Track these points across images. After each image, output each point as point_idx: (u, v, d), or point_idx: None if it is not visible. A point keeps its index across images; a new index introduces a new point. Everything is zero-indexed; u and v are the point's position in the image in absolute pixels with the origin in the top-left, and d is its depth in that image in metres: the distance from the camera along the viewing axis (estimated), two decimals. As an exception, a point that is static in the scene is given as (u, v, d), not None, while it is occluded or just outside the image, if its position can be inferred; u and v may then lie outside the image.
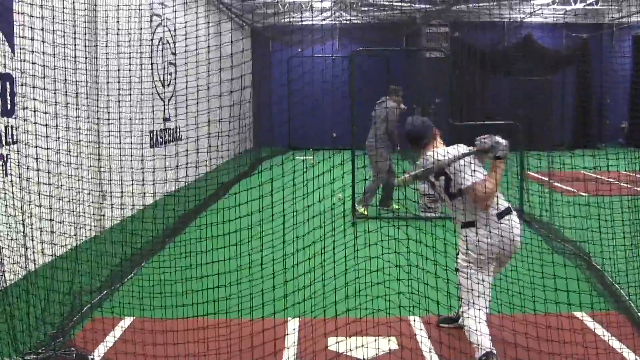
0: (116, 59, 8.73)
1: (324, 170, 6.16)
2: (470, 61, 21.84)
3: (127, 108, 8.84)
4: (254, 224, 6.08)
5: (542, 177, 12.10)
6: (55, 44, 7.45)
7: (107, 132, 9.45)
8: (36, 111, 7.12)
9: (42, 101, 7.13)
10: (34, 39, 7.29)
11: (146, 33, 12.02)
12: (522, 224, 5.55)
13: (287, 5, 23.22)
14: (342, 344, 5.84)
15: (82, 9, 9.07)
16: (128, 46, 8.81)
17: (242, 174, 14.79)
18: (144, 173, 7.86)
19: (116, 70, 8.56)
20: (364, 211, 12.10)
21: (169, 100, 14.34)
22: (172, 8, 13.72)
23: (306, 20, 23.80)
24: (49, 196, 7.31)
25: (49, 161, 7.34)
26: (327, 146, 10.63)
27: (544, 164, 7.96)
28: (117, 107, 8.75)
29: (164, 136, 14.11)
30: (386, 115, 12.09)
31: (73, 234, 7.84)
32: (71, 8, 8.03)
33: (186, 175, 7.76)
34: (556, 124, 23.44)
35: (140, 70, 9.48)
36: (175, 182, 7.88)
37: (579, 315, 6.55)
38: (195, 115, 8.84)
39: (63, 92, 7.78)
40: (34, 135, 7.21)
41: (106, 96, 9.52)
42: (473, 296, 5.35)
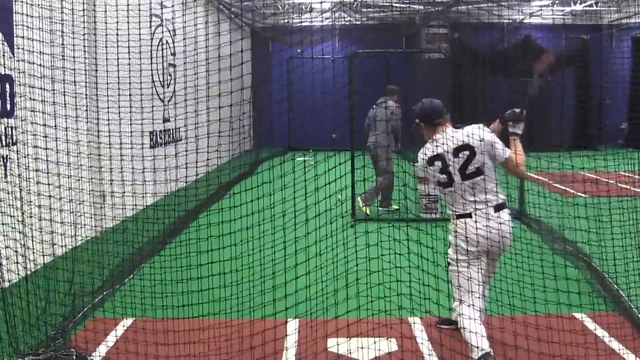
0: (115, 59, 8.72)
1: (324, 171, 6.16)
2: (470, 62, 21.84)
3: (126, 108, 8.83)
4: (254, 224, 6.08)
5: (542, 178, 12.09)
6: (54, 44, 7.45)
7: (107, 132, 9.43)
8: (34, 111, 7.12)
9: (42, 101, 7.13)
10: (34, 39, 7.28)
11: (145, 34, 12.01)
12: (511, 221, 5.53)
13: (286, 6, 23.22)
14: (342, 345, 5.84)
15: (82, 10, 9.07)
16: (127, 47, 8.79)
17: (242, 174, 14.79)
18: (144, 173, 7.86)
19: (115, 71, 8.55)
20: (364, 207, 12.06)
21: (168, 101, 14.33)
22: (172, 8, 13.72)
23: (306, 21, 23.81)
24: (49, 196, 7.30)
25: (48, 161, 7.33)
26: (327, 147, 10.58)
27: (543, 164, 7.94)
28: (117, 108, 8.74)
29: (163, 137, 14.10)
30: (389, 114, 12.12)
31: (73, 234, 7.84)
32: (70, 8, 8.02)
33: (186, 176, 7.75)
34: (556, 125, 23.44)
35: (139, 70, 9.47)
36: (175, 182, 7.87)
37: (579, 316, 6.55)
38: (194, 115, 8.84)
39: (62, 93, 7.77)
40: (33, 136, 7.21)
41: (105, 97, 9.51)
42: (462, 293, 5.35)
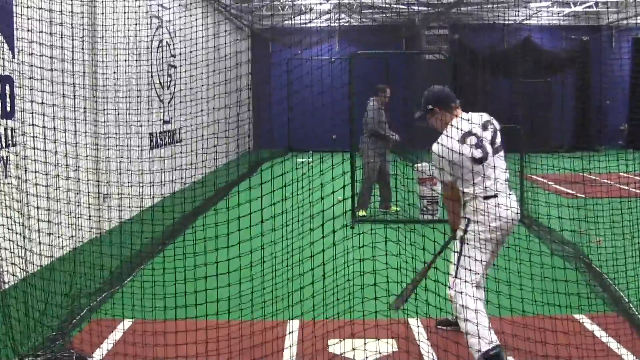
0: (115, 61, 8.74)
1: (323, 172, 6.16)
2: (470, 63, 21.86)
3: (126, 110, 8.84)
4: (254, 225, 6.08)
5: (542, 179, 12.11)
6: (54, 46, 7.45)
7: (106, 134, 9.45)
8: (34, 113, 7.12)
9: (42, 103, 7.13)
10: (34, 41, 7.29)
11: (145, 35, 12.02)
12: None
13: (286, 7, 23.22)
14: (342, 345, 5.85)
15: (82, 12, 9.08)
16: (127, 48, 8.82)
17: (242, 175, 14.79)
18: (143, 175, 7.87)
19: (115, 72, 8.58)
20: (363, 213, 12.11)
21: (168, 102, 14.34)
22: (171, 10, 13.73)
23: (305, 22, 23.81)
24: (47, 198, 7.30)
25: (47, 163, 7.34)
26: (327, 148, 10.58)
27: (543, 165, 7.97)
28: (116, 109, 8.76)
29: (163, 138, 14.11)
30: (370, 116, 12.13)
31: (72, 236, 7.85)
32: (70, 10, 8.03)
33: (184, 177, 7.77)
34: (556, 126, 23.45)
35: (139, 72, 9.48)
36: (174, 183, 7.89)
37: (578, 317, 6.55)
38: (194, 117, 8.85)
39: (62, 94, 7.78)
40: (33, 137, 7.21)
41: (105, 98, 9.53)
42: (468, 275, 5.36)
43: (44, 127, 7.15)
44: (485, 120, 5.63)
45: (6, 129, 7.77)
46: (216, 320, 5.90)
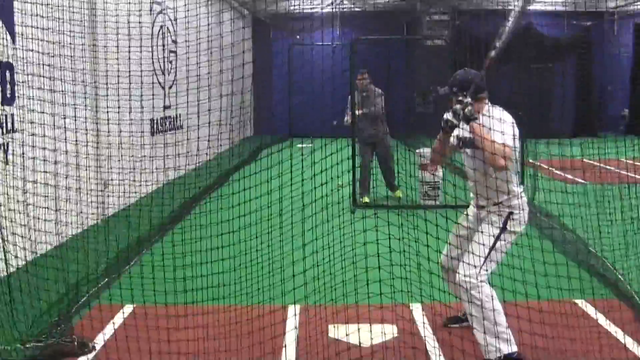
0: (116, 46, 8.72)
1: (324, 157, 6.15)
2: (472, 49, 21.78)
3: (126, 96, 8.82)
4: (255, 210, 6.08)
5: (543, 165, 12.09)
6: (55, 31, 7.44)
7: (107, 120, 9.43)
8: (34, 99, 7.11)
9: (42, 89, 7.13)
10: (34, 27, 7.27)
11: (146, 21, 11.99)
12: None
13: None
14: (342, 329, 5.86)
15: (82, -3, 9.06)
16: (127, 34, 8.78)
17: (243, 161, 14.81)
18: (144, 161, 7.87)
19: (116, 58, 8.55)
20: (365, 199, 12.10)
21: (169, 88, 14.32)
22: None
23: (307, 8, 23.73)
24: (45, 184, 7.30)
25: (45, 149, 7.34)
26: (328, 134, 10.57)
27: (544, 151, 7.95)
28: (117, 95, 8.74)
29: (164, 124, 14.09)
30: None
31: (74, 222, 7.85)
32: (71, -5, 8.02)
33: (186, 163, 7.76)
34: (557, 112, 23.39)
35: (140, 58, 9.46)
36: (175, 169, 7.88)
37: (579, 302, 6.57)
38: (195, 103, 8.83)
39: (63, 80, 7.77)
40: (34, 124, 7.21)
41: (105, 84, 9.51)
42: (491, 267, 5.33)
43: (44, 113, 7.14)
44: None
45: (7, 116, 7.75)
46: (217, 305, 5.91)
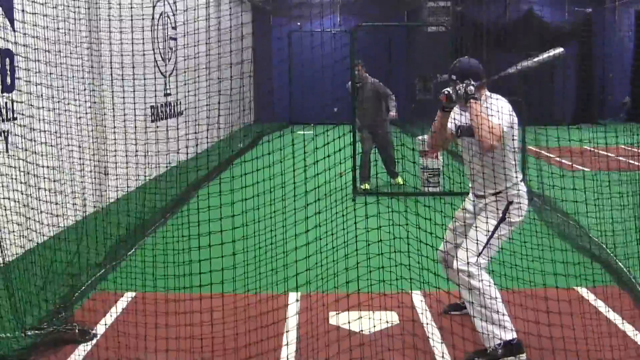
0: (117, 32, 8.70)
1: (324, 144, 6.14)
2: (473, 36, 21.73)
3: (127, 82, 8.80)
4: (255, 197, 6.07)
5: (543, 152, 12.08)
6: (54, 18, 7.41)
7: (108, 105, 9.42)
8: (34, 85, 7.09)
9: (42, 75, 7.11)
10: (34, 13, 7.24)
11: (147, 6, 11.95)
12: None
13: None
14: (343, 317, 5.87)
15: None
16: (129, 19, 8.76)
17: (244, 147, 14.79)
18: (145, 147, 7.86)
19: (120, 44, 8.53)
20: (365, 186, 12.12)
21: (169, 75, 14.30)
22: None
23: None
24: (45, 171, 7.30)
25: (48, 135, 7.33)
26: (328, 121, 10.55)
27: (545, 138, 7.93)
28: (118, 81, 8.72)
29: (165, 110, 14.08)
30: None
31: (74, 209, 7.85)
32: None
33: (187, 147, 7.75)
34: (558, 99, 23.36)
35: (140, 44, 9.43)
36: (176, 155, 7.87)
37: (579, 289, 6.57)
38: (195, 89, 8.82)
39: (63, 67, 7.75)
40: (35, 110, 7.19)
41: (106, 70, 9.49)
42: (488, 255, 5.32)
43: (43, 98, 7.13)
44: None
45: (7, 103, 7.74)
46: (219, 292, 5.91)
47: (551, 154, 13.07)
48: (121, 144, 9.08)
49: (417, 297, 6.53)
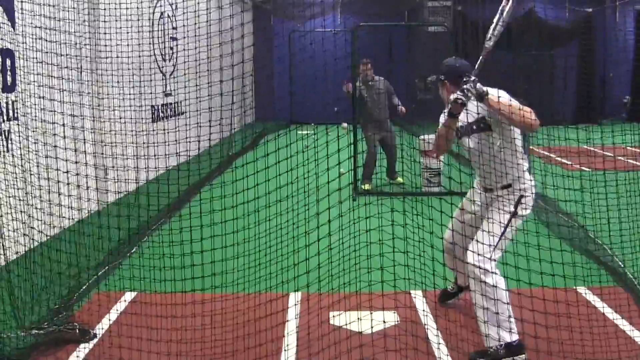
0: (117, 33, 8.69)
1: (325, 142, 6.13)
2: (473, 35, 21.72)
3: (128, 82, 8.80)
4: (256, 197, 6.06)
5: (544, 152, 12.07)
6: (55, 18, 7.40)
7: (108, 106, 9.42)
8: (35, 85, 7.08)
9: (43, 75, 7.10)
10: (35, 13, 7.24)
11: (146, 7, 11.95)
12: None
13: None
14: (343, 317, 5.86)
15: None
16: (128, 20, 8.75)
17: (244, 147, 14.77)
18: (145, 148, 7.85)
19: (118, 45, 8.52)
20: (366, 186, 12.11)
21: (170, 75, 14.29)
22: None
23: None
24: (45, 171, 7.29)
25: (47, 135, 7.32)
26: (329, 120, 10.58)
27: (545, 138, 7.93)
28: (118, 82, 8.72)
29: (165, 111, 14.07)
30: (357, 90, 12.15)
31: (76, 209, 7.84)
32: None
33: (188, 149, 7.74)
34: (558, 99, 23.34)
35: (140, 44, 9.43)
36: (177, 156, 7.86)
37: (580, 289, 6.57)
38: (196, 89, 8.81)
39: (64, 67, 7.74)
40: (35, 110, 7.19)
41: (107, 71, 9.48)
42: (498, 255, 5.28)
43: (43, 98, 7.12)
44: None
45: (8, 102, 7.74)
46: (218, 293, 5.91)
47: (552, 153, 13.06)
48: (121, 145, 9.08)
49: (417, 297, 6.53)
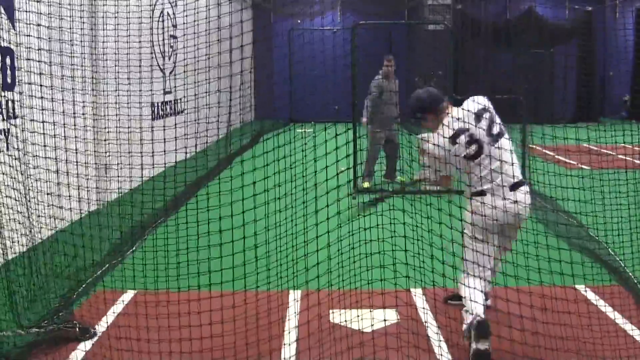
0: (115, 31, 8.68)
1: (325, 141, 6.13)
2: (473, 34, 21.74)
3: (126, 80, 8.79)
4: (255, 195, 6.06)
5: (545, 151, 12.08)
6: (54, 16, 7.40)
7: (107, 104, 9.41)
8: (34, 84, 7.07)
9: (42, 74, 7.09)
10: (34, 12, 7.22)
11: (146, 4, 11.94)
12: (528, 197, 5.48)
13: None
14: (343, 315, 5.86)
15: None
16: (127, 18, 8.74)
17: (244, 145, 14.78)
18: (144, 145, 7.83)
19: (116, 42, 8.51)
20: (367, 185, 12.10)
21: (170, 73, 14.28)
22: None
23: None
24: (45, 170, 7.28)
25: (47, 134, 7.31)
26: (329, 118, 10.58)
27: (546, 137, 7.93)
28: (117, 80, 8.71)
29: (165, 108, 14.06)
30: (371, 89, 12.12)
31: (75, 208, 7.84)
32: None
33: (186, 147, 7.73)
34: (558, 97, 23.37)
35: (140, 42, 9.42)
36: (176, 154, 7.85)
37: (580, 287, 6.57)
38: (195, 87, 8.80)
39: (62, 65, 7.73)
40: (34, 109, 7.17)
41: (105, 68, 9.47)
42: (475, 268, 5.33)
43: (44, 98, 7.11)
44: (479, 108, 5.47)
45: (7, 101, 7.73)
46: (219, 291, 5.90)
47: (552, 152, 13.07)
48: (121, 143, 9.07)
49: (417, 295, 6.52)
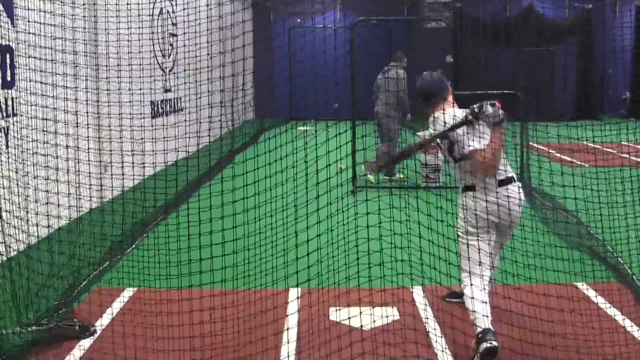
0: (116, 29, 8.69)
1: (325, 139, 6.13)
2: (473, 31, 21.73)
3: (127, 78, 8.80)
4: (256, 193, 6.07)
5: (543, 148, 12.08)
6: (54, 14, 7.40)
7: (107, 102, 9.41)
8: (34, 82, 7.08)
9: (42, 72, 7.10)
10: (34, 9, 7.23)
11: (146, 2, 11.94)
12: (522, 194, 5.46)
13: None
14: (343, 312, 5.87)
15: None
16: (127, 16, 8.74)
17: (245, 144, 14.79)
18: (144, 143, 7.85)
19: (117, 40, 8.52)
20: (371, 176, 12.04)
21: (169, 71, 14.28)
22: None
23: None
24: (45, 168, 7.29)
25: (47, 132, 7.32)
26: (329, 117, 10.59)
27: (545, 134, 7.93)
28: (117, 78, 8.71)
29: (165, 107, 14.06)
30: (393, 84, 12.12)
31: (74, 206, 7.85)
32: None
33: (187, 145, 7.74)
34: (558, 95, 23.36)
35: (140, 40, 9.42)
36: (176, 152, 7.87)
37: (580, 285, 6.58)
38: (196, 85, 8.81)
39: (62, 63, 7.73)
40: (34, 107, 7.18)
41: (106, 67, 9.48)
42: (471, 264, 5.31)
43: (44, 95, 7.12)
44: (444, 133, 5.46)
45: (7, 99, 7.73)
46: (219, 289, 5.91)
47: (551, 149, 13.07)
48: (121, 141, 9.08)
49: (417, 292, 6.53)
